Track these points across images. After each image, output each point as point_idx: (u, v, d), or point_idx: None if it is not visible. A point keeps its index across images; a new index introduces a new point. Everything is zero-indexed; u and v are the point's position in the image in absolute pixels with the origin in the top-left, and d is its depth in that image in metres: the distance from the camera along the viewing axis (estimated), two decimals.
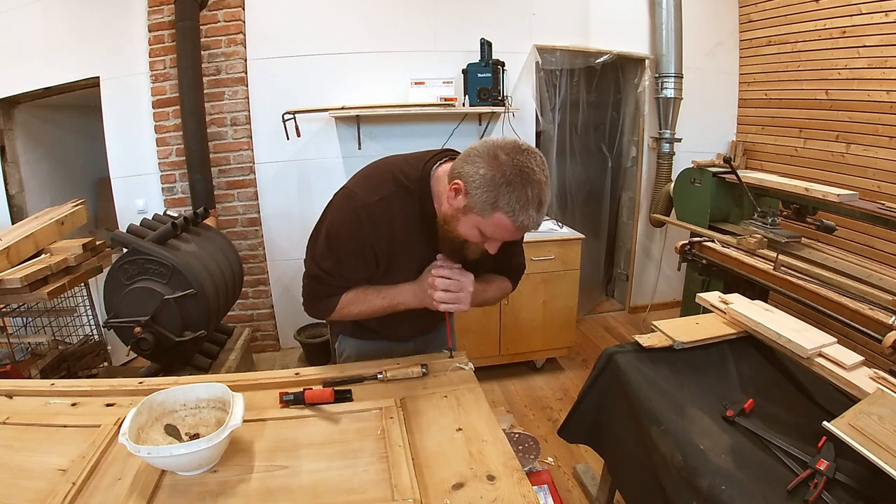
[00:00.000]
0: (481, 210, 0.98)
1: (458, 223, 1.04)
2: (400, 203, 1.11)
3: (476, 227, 1.02)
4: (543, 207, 0.99)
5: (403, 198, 1.11)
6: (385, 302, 1.19)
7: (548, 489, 1.62)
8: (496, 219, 0.98)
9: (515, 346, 2.95)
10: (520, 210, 0.95)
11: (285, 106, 2.84)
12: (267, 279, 3.19)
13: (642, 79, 3.42)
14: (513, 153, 0.96)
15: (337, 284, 1.20)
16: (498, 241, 1.06)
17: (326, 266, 1.17)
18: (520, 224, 0.98)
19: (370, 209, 1.10)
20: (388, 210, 1.10)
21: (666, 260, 3.72)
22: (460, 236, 1.06)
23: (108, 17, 2.79)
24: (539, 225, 1.02)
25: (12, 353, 2.16)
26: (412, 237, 1.14)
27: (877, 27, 2.66)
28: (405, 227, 1.12)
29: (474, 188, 0.97)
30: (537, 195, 0.96)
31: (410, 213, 1.12)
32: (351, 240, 1.12)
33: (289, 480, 0.90)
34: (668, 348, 1.51)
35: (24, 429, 1.05)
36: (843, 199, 2.12)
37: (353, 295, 1.20)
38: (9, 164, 3.00)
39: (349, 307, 1.21)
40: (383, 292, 1.19)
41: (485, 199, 0.96)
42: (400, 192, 1.11)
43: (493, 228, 1.00)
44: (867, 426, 1.05)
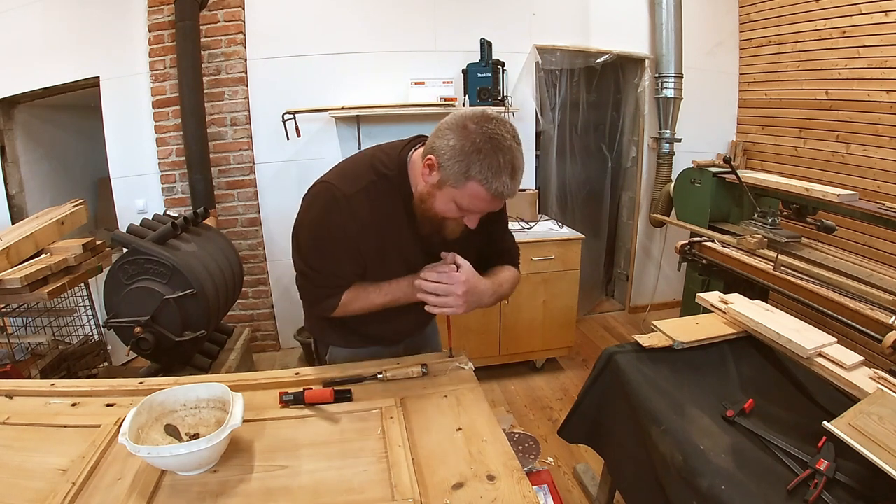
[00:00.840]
0: (455, 181, 0.97)
1: (435, 199, 1.03)
2: (381, 192, 1.09)
3: (452, 200, 1.01)
4: (518, 173, 0.98)
5: (383, 186, 1.09)
6: (386, 298, 1.17)
7: (548, 489, 1.62)
8: (470, 188, 0.97)
9: (515, 346, 2.95)
10: (493, 177, 0.95)
11: (285, 106, 2.84)
12: (267, 279, 3.19)
13: (642, 79, 3.42)
14: (481, 122, 0.95)
15: (331, 284, 1.17)
16: (476, 214, 1.04)
17: (316, 264, 1.14)
18: (494, 191, 0.96)
19: (351, 201, 1.07)
20: (369, 200, 1.08)
21: (666, 260, 3.72)
22: (438, 213, 1.05)
23: (108, 17, 2.79)
24: (514, 192, 1.00)
25: (12, 353, 2.16)
26: (398, 225, 1.12)
27: (877, 27, 2.66)
28: (390, 216, 1.10)
29: (446, 160, 0.97)
30: (509, 161, 0.95)
31: (393, 201, 1.10)
32: (335, 234, 1.09)
33: (289, 480, 0.90)
34: (668, 348, 1.51)
35: (24, 429, 1.05)
36: (843, 199, 2.12)
37: (354, 293, 1.18)
38: (9, 164, 3.00)
39: (350, 305, 1.19)
40: (384, 289, 1.17)
41: (457, 169, 0.96)
42: (380, 180, 1.09)
43: (469, 199, 0.99)
44: (867, 426, 1.04)
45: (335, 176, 1.12)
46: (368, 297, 1.18)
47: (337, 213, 1.07)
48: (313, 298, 1.20)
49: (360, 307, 1.19)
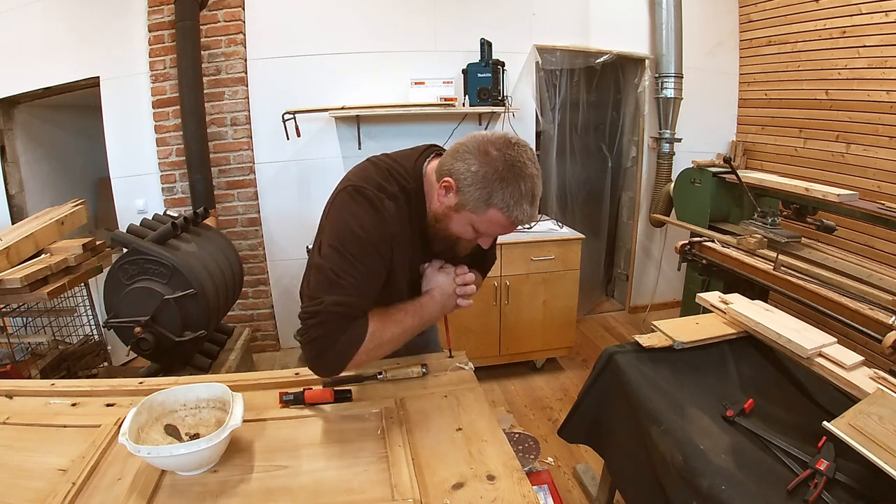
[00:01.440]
0: (475, 207, 0.97)
1: (451, 221, 1.02)
2: (401, 201, 1.05)
3: (470, 224, 1.01)
4: (536, 201, 0.98)
5: (403, 198, 1.06)
6: (416, 320, 1.08)
7: (548, 489, 1.62)
8: (490, 215, 0.97)
9: (515, 346, 2.95)
10: (514, 205, 0.95)
11: (285, 106, 2.84)
12: (267, 279, 3.19)
13: (642, 79, 3.42)
14: (504, 148, 0.95)
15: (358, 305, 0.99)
16: (492, 237, 1.06)
17: (350, 281, 0.97)
18: (514, 219, 0.97)
19: (385, 203, 1.01)
20: (395, 207, 1.03)
21: (666, 260, 3.72)
22: (453, 234, 1.05)
23: (108, 17, 2.79)
24: (533, 219, 1.02)
25: (12, 353, 2.16)
26: (410, 239, 1.08)
27: (877, 27, 2.66)
28: (404, 228, 1.06)
29: (466, 185, 0.96)
30: (530, 189, 0.95)
31: (409, 214, 1.07)
32: (373, 235, 0.99)
33: (289, 480, 0.90)
34: (668, 348, 1.51)
35: (24, 429, 1.05)
36: (843, 199, 2.12)
37: (381, 321, 1.03)
38: (9, 164, 3.00)
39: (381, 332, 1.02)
40: (409, 309, 1.08)
41: (478, 196, 0.95)
42: (401, 191, 1.05)
43: (488, 224, 0.99)
44: (867, 426, 1.04)
45: (365, 182, 1.03)
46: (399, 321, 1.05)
47: (378, 215, 1.00)
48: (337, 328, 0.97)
49: (391, 334, 1.04)
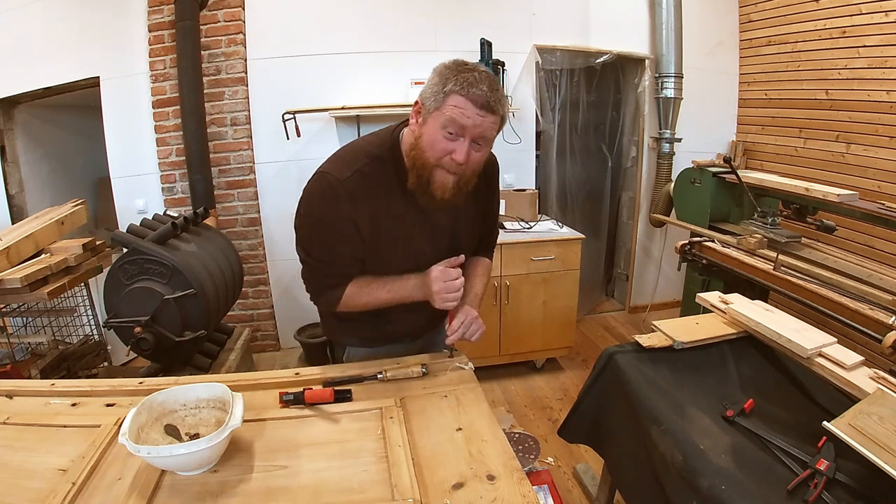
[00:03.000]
0: (435, 103, 1.00)
1: (422, 140, 1.03)
2: (375, 174, 1.10)
3: (438, 126, 1.01)
4: (496, 87, 0.99)
5: (378, 168, 1.10)
6: (390, 295, 1.19)
7: (548, 489, 1.62)
8: (450, 102, 0.98)
9: (515, 346, 2.95)
10: (469, 86, 0.97)
11: (285, 106, 2.84)
12: (267, 279, 3.19)
13: (642, 79, 3.42)
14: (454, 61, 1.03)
15: (333, 273, 1.18)
16: (464, 142, 1.01)
17: (316, 253, 1.16)
18: (472, 96, 0.97)
19: (346, 185, 1.08)
20: (364, 183, 1.09)
21: (666, 260, 3.72)
22: (428, 160, 1.03)
23: (108, 17, 2.79)
24: (497, 106, 0.99)
25: (12, 353, 2.16)
26: (396, 204, 1.12)
27: (877, 27, 2.66)
28: (387, 196, 1.11)
29: (427, 95, 1.02)
30: (485, 77, 0.99)
31: (388, 181, 1.11)
32: (332, 220, 1.10)
33: (289, 480, 0.90)
34: (668, 348, 1.51)
35: (24, 429, 1.05)
36: (843, 199, 2.12)
37: (357, 287, 1.19)
38: (9, 164, 3.00)
39: (354, 299, 1.19)
40: (388, 285, 1.19)
41: (435, 91, 1.00)
42: (373, 162, 1.10)
43: (455, 110, 0.98)
44: (867, 426, 1.04)
45: (329, 164, 1.13)
46: (372, 293, 1.19)
47: (332, 198, 1.08)
48: (317, 289, 1.21)
49: (364, 302, 1.20)
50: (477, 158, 1.05)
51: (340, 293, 1.19)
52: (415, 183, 1.08)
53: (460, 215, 1.21)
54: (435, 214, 1.17)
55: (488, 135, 1.03)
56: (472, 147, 1.03)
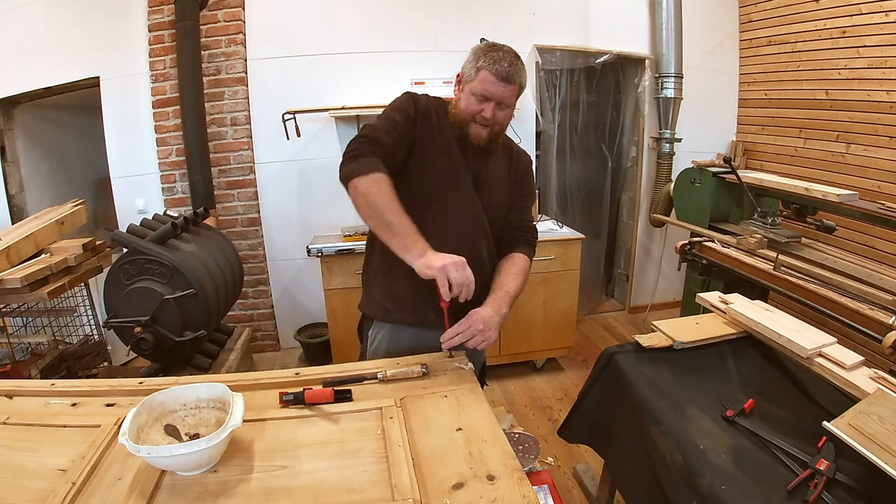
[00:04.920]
0: (470, 76, 1.29)
1: (460, 101, 1.33)
2: (437, 105, 1.38)
3: (471, 92, 1.29)
4: (517, 63, 1.28)
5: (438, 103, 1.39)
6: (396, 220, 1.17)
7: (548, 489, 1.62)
8: (481, 76, 1.26)
9: (515, 346, 2.95)
10: (495, 63, 1.25)
11: (285, 106, 2.84)
12: (267, 279, 3.19)
13: (642, 79, 3.42)
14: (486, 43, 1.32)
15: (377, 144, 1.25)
16: (491, 103, 1.28)
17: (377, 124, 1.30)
18: (497, 72, 1.24)
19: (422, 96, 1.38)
20: (429, 103, 1.37)
21: (666, 260, 3.72)
22: (464, 114, 1.31)
23: (108, 17, 2.80)
24: (517, 78, 1.27)
25: (12, 353, 2.17)
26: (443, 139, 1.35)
27: (877, 27, 2.66)
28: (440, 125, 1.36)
29: (465, 69, 1.32)
30: (508, 54, 1.27)
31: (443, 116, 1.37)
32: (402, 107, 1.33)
33: (289, 480, 0.90)
34: (668, 348, 1.51)
35: (24, 429, 1.05)
36: (843, 199, 2.12)
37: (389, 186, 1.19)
38: (9, 164, 3.00)
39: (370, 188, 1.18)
40: (402, 219, 1.17)
41: (470, 66, 1.29)
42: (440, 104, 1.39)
43: (481, 84, 1.27)
44: (867, 426, 1.04)
45: None
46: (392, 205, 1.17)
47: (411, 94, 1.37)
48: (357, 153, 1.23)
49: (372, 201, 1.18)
50: (503, 116, 1.33)
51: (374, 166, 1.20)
52: (456, 132, 1.35)
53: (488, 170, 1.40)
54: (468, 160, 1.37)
55: (509, 100, 1.31)
56: (498, 108, 1.30)
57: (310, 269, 3.17)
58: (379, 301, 1.43)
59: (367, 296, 1.49)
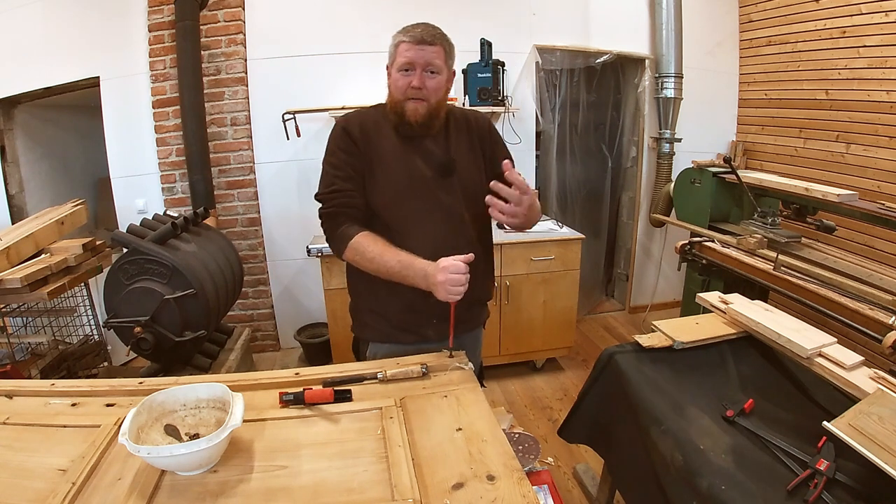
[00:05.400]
0: (392, 54, 1.29)
1: (391, 86, 1.31)
2: (371, 117, 1.36)
3: (396, 70, 1.28)
4: (433, 29, 1.28)
5: (371, 111, 1.38)
6: (398, 267, 1.22)
7: (548, 489, 1.62)
8: (400, 49, 1.26)
9: (515, 346, 2.95)
10: (408, 32, 1.26)
11: (285, 106, 2.84)
12: (267, 279, 3.19)
13: (642, 79, 3.42)
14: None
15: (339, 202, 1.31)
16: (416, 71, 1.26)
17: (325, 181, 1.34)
18: (413, 37, 1.25)
19: (347, 118, 1.36)
20: (361, 117, 1.36)
21: (666, 260, 3.72)
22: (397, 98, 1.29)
23: (108, 17, 2.79)
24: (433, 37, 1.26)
25: (12, 353, 2.16)
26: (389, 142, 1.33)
27: (877, 27, 2.66)
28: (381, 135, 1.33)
29: (389, 56, 1.32)
30: (423, 24, 1.29)
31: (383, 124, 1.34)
32: (337, 141, 1.34)
33: (289, 480, 0.90)
34: (668, 348, 1.51)
35: (24, 429, 1.05)
36: (843, 199, 2.12)
37: (370, 240, 1.26)
38: (9, 164, 3.00)
39: (364, 248, 1.26)
40: (400, 257, 1.23)
41: (391, 50, 1.30)
42: (370, 110, 1.39)
43: (402, 56, 1.26)
44: (867, 426, 1.04)
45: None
46: (383, 253, 1.24)
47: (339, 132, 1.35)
48: (329, 226, 1.33)
49: (370, 258, 1.25)
50: (433, 84, 1.28)
51: (351, 232, 1.28)
52: (395, 119, 1.31)
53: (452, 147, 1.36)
54: (423, 143, 1.34)
55: (435, 62, 1.27)
56: (426, 76, 1.26)
57: (310, 269, 3.17)
58: (373, 324, 1.42)
59: (359, 320, 1.46)
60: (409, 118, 1.28)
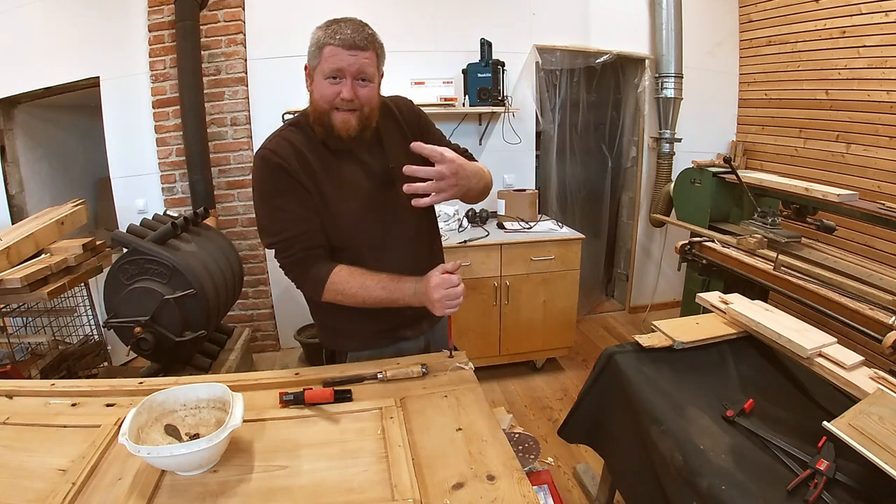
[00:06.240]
0: (314, 59, 1.13)
1: (314, 94, 1.15)
2: (296, 136, 1.19)
3: (321, 77, 1.12)
4: (363, 28, 1.12)
5: (296, 131, 1.20)
6: (385, 294, 1.18)
7: (548, 489, 1.62)
8: (325, 53, 1.10)
9: (515, 346, 2.96)
10: (336, 34, 1.09)
11: (285, 106, 2.84)
12: (267, 279, 3.19)
13: (642, 79, 3.42)
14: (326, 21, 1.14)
15: (300, 245, 1.17)
16: (346, 80, 1.11)
17: (276, 225, 1.18)
18: (340, 42, 1.09)
19: (274, 149, 1.17)
20: (288, 143, 1.18)
21: (666, 260, 3.72)
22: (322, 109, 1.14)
23: (108, 17, 2.79)
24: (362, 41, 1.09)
25: (12, 353, 2.16)
26: (323, 159, 1.19)
27: (877, 27, 2.66)
28: (312, 152, 1.19)
29: (310, 57, 1.15)
30: (350, 22, 1.11)
31: (310, 140, 1.19)
32: (275, 181, 1.16)
33: (289, 480, 0.90)
34: (668, 348, 1.51)
35: (24, 429, 1.05)
36: (843, 199, 2.12)
37: (348, 274, 1.18)
38: (9, 164, 3.00)
39: (344, 286, 1.18)
40: (384, 283, 1.18)
41: (313, 50, 1.13)
42: (291, 127, 1.22)
43: (329, 62, 1.10)
44: (867, 426, 1.04)
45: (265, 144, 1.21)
46: (366, 285, 1.17)
47: (268, 166, 1.17)
48: (296, 271, 1.20)
49: (354, 292, 1.18)
50: (366, 93, 1.14)
51: (324, 272, 1.18)
52: (322, 132, 1.17)
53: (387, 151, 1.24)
54: (360, 156, 1.22)
55: (367, 70, 1.13)
56: (357, 84, 1.12)
57: None
58: (349, 332, 1.34)
59: (329, 328, 1.36)
60: (340, 131, 1.15)
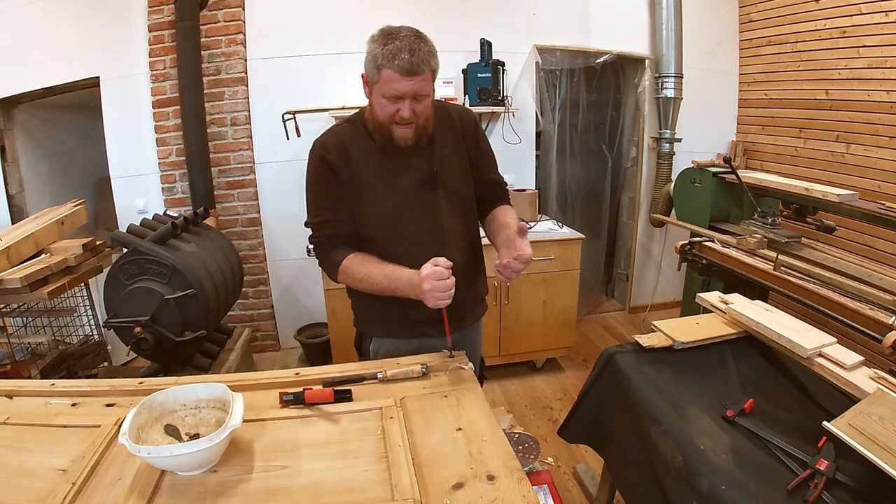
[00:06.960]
0: (373, 78, 1.20)
1: (373, 106, 1.24)
2: (348, 132, 1.31)
3: (381, 96, 1.20)
4: (419, 49, 1.16)
5: (349, 129, 1.32)
6: (386, 282, 1.24)
7: (548, 489, 1.62)
8: (384, 76, 1.17)
9: (515, 346, 2.95)
10: (394, 58, 1.14)
11: (285, 106, 2.84)
12: (267, 279, 3.19)
13: (642, 79, 3.42)
14: (381, 31, 1.21)
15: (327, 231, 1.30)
16: (404, 100, 1.19)
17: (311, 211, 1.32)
18: (400, 68, 1.14)
19: (324, 142, 1.31)
20: (338, 138, 1.30)
21: (666, 260, 3.72)
22: (381, 120, 1.23)
23: (108, 17, 2.79)
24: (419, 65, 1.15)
25: (12, 353, 2.16)
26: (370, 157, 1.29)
27: (877, 27, 2.66)
28: (361, 150, 1.29)
29: (368, 69, 1.22)
30: (407, 41, 1.16)
31: (361, 138, 1.30)
32: (317, 171, 1.29)
33: (289, 480, 0.90)
34: (668, 348, 1.51)
35: (24, 429, 1.05)
36: (843, 199, 2.12)
37: (358, 260, 1.29)
38: (9, 164, 3.00)
39: (353, 271, 1.28)
40: (386, 270, 1.24)
41: (371, 66, 1.20)
42: (345, 125, 1.34)
43: (388, 84, 1.17)
44: (867, 426, 1.04)
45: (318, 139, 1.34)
46: (371, 271, 1.26)
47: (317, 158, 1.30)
48: (319, 255, 1.35)
49: (360, 277, 1.28)
50: (422, 108, 1.23)
51: (339, 257, 1.29)
52: (381, 140, 1.28)
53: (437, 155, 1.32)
54: (409, 156, 1.30)
55: (423, 91, 1.20)
56: (415, 102, 1.20)
57: (310, 269, 3.17)
58: (376, 318, 1.42)
59: (361, 313, 1.47)
60: (398, 142, 1.25)
